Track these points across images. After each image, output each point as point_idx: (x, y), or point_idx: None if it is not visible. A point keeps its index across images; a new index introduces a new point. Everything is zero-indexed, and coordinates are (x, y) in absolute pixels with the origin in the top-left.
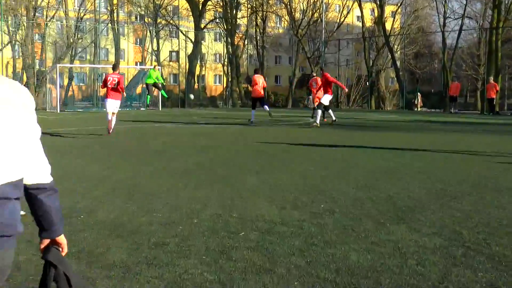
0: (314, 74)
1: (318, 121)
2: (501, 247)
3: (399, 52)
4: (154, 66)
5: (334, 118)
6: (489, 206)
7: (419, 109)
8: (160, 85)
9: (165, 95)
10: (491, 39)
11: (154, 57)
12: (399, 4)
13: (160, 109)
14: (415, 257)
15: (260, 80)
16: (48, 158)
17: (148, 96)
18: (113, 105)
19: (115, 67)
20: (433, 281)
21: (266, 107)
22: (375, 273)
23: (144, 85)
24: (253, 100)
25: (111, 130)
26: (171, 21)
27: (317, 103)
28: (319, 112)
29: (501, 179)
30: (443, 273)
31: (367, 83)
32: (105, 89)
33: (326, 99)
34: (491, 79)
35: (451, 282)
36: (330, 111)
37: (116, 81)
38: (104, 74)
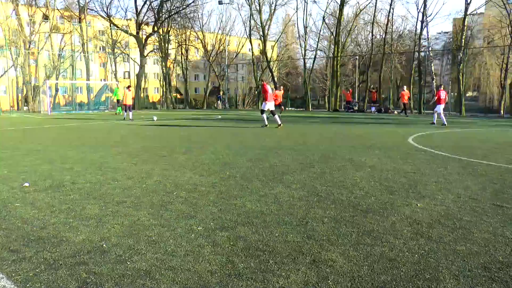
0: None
1: (266, 122)
2: (340, 195)
3: (276, 72)
4: (117, 85)
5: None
6: (333, 169)
7: (289, 108)
8: (119, 103)
9: (118, 111)
10: (333, 64)
11: (113, 75)
12: (276, 41)
13: (117, 112)
14: (288, 203)
15: (128, 92)
16: (40, 146)
17: (120, 108)
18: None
19: (129, 87)
20: (299, 218)
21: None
22: (263, 215)
23: (115, 100)
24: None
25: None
26: (124, 51)
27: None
28: (264, 116)
29: (339, 152)
30: (305, 212)
31: (256, 92)
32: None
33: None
34: (336, 89)
35: (310, 218)
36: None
37: (126, 94)
38: (79, 87)
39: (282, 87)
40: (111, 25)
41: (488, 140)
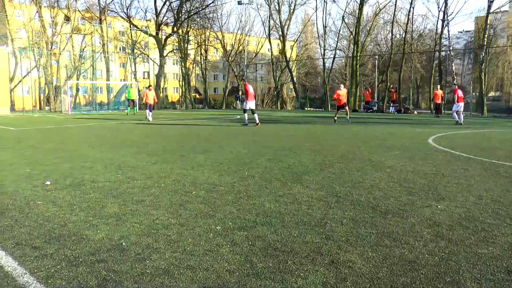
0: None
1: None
2: (359, 196)
3: (295, 72)
4: (131, 85)
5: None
6: (352, 170)
7: (307, 108)
8: (135, 103)
9: (133, 112)
10: (353, 64)
11: (132, 76)
12: (295, 40)
13: (135, 112)
14: (306, 204)
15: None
16: (61, 145)
17: (129, 108)
18: (149, 108)
19: (149, 87)
20: (318, 219)
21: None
22: (281, 215)
23: (128, 100)
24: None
25: (150, 119)
26: (144, 52)
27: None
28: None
29: (358, 153)
30: (324, 213)
31: (275, 92)
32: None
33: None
34: (355, 89)
35: (328, 219)
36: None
37: (146, 94)
38: (99, 88)
39: (342, 85)
40: (131, 26)
41: (511, 141)
